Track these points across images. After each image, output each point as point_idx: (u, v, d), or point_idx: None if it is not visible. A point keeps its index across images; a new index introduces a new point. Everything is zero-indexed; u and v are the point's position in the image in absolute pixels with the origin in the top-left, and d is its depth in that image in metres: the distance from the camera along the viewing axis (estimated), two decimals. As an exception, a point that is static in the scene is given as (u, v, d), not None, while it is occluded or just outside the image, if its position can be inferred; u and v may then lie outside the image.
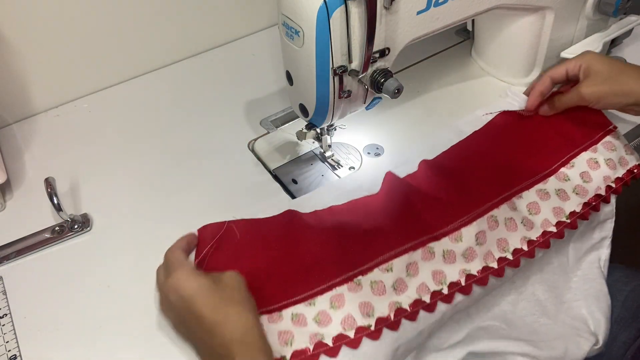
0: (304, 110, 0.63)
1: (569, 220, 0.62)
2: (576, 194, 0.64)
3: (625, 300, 0.69)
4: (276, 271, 0.54)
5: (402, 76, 0.71)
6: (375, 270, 0.55)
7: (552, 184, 0.64)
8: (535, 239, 0.60)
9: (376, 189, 0.64)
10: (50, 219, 0.67)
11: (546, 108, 0.70)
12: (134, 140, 0.78)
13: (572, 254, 0.67)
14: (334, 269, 0.55)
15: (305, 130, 0.67)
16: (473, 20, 0.84)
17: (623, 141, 0.69)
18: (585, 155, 0.67)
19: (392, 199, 0.62)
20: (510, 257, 0.58)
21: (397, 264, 0.56)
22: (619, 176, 0.66)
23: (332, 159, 0.72)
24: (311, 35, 0.54)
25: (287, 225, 0.60)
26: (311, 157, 0.73)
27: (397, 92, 0.58)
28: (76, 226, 0.65)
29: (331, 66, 0.56)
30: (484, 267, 0.57)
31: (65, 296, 0.59)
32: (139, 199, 0.69)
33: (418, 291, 0.55)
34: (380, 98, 0.64)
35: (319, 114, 0.61)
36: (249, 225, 0.60)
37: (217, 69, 0.90)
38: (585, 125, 0.69)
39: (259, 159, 0.74)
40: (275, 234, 0.59)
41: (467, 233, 0.58)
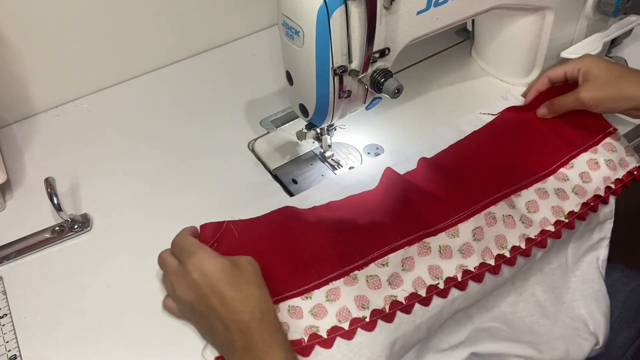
0: (304, 110, 0.63)
1: (567, 220, 0.62)
2: (575, 193, 0.64)
3: (625, 300, 0.69)
4: (274, 266, 0.55)
5: (402, 76, 0.71)
6: (371, 265, 0.56)
7: (551, 183, 0.64)
8: (533, 237, 0.60)
9: (374, 186, 0.65)
10: (50, 219, 0.67)
11: (545, 111, 0.70)
12: (134, 140, 0.78)
13: (571, 255, 0.67)
14: (331, 264, 0.55)
15: (305, 130, 0.68)
16: (473, 20, 0.84)
17: (624, 143, 0.69)
18: (585, 156, 0.67)
19: (389, 194, 0.62)
20: (508, 254, 0.58)
21: (392, 258, 0.56)
22: (619, 177, 0.66)
23: (332, 159, 0.72)
24: (311, 35, 0.54)
25: (284, 221, 0.60)
26: (311, 157, 0.73)
27: (397, 92, 0.58)
28: (76, 226, 0.65)
29: (331, 66, 0.56)
30: (481, 263, 0.57)
31: (65, 296, 0.59)
32: (139, 199, 0.69)
33: (414, 285, 0.55)
34: (380, 98, 0.64)
35: (319, 114, 0.61)
36: (247, 224, 0.60)
37: (217, 69, 0.90)
38: (585, 127, 0.69)
39: (259, 159, 0.73)
40: (273, 229, 0.59)
41: (464, 229, 0.58)
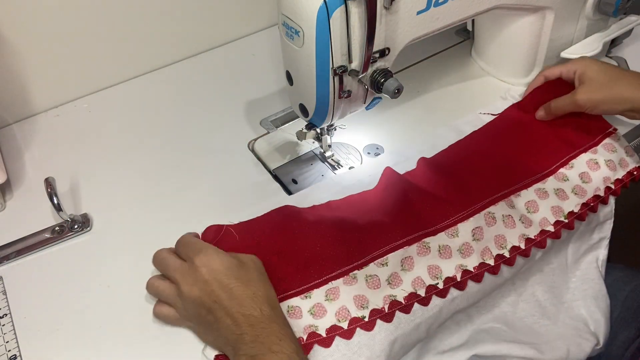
0: (304, 110, 0.63)
1: (566, 220, 0.62)
2: (575, 194, 0.64)
3: (626, 299, 0.69)
4: (273, 265, 0.55)
5: (402, 76, 0.71)
6: (371, 264, 0.56)
7: (551, 183, 0.64)
8: (533, 237, 0.60)
9: (374, 185, 0.65)
10: (50, 219, 0.66)
11: (542, 113, 0.70)
12: (134, 140, 0.78)
13: (571, 255, 0.67)
14: (330, 263, 0.55)
15: (305, 130, 0.67)
16: (473, 20, 0.84)
17: (623, 143, 0.69)
18: (585, 157, 0.67)
19: (389, 194, 0.62)
20: (508, 254, 0.58)
21: (392, 258, 0.56)
22: (619, 177, 0.66)
23: (332, 159, 0.72)
24: (311, 35, 0.54)
25: (284, 220, 0.60)
26: (311, 157, 0.73)
27: (397, 92, 0.58)
28: (76, 226, 0.65)
29: (331, 66, 0.56)
30: (480, 263, 0.57)
31: (65, 296, 0.59)
32: (139, 198, 0.69)
33: (413, 285, 0.55)
34: (380, 98, 0.64)
35: (319, 114, 0.61)
36: (246, 225, 0.60)
37: (217, 69, 0.90)
38: (585, 127, 0.69)
39: (259, 159, 0.73)
40: (272, 229, 0.59)
41: (463, 228, 0.58)
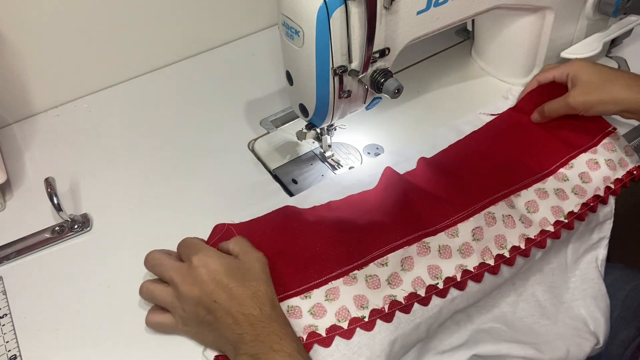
0: (304, 110, 0.63)
1: (566, 220, 0.62)
2: (575, 194, 0.64)
3: (625, 299, 0.69)
4: (273, 265, 0.55)
5: (402, 76, 0.71)
6: (371, 264, 0.56)
7: (551, 183, 0.64)
8: (533, 237, 0.60)
9: (374, 185, 0.65)
10: (50, 219, 0.66)
11: (537, 116, 0.70)
12: (134, 140, 0.78)
13: (571, 255, 0.67)
14: (330, 264, 0.55)
15: (305, 130, 0.67)
16: (473, 20, 0.84)
17: (623, 142, 0.69)
18: (585, 157, 0.67)
19: (389, 194, 0.62)
20: (508, 254, 0.58)
21: (392, 258, 0.56)
22: (619, 177, 0.66)
23: (332, 159, 0.72)
24: (311, 35, 0.54)
25: (284, 220, 0.60)
26: (311, 157, 0.73)
27: (397, 92, 0.58)
28: (76, 226, 0.65)
29: (331, 66, 0.56)
30: (480, 263, 0.57)
31: (65, 296, 0.59)
32: (139, 199, 0.69)
33: (413, 285, 0.55)
34: (380, 98, 0.64)
35: (319, 114, 0.61)
36: (247, 225, 0.60)
37: (217, 69, 0.90)
38: (585, 127, 0.69)
39: (259, 159, 0.73)
40: (272, 229, 0.59)
41: (463, 228, 0.58)
